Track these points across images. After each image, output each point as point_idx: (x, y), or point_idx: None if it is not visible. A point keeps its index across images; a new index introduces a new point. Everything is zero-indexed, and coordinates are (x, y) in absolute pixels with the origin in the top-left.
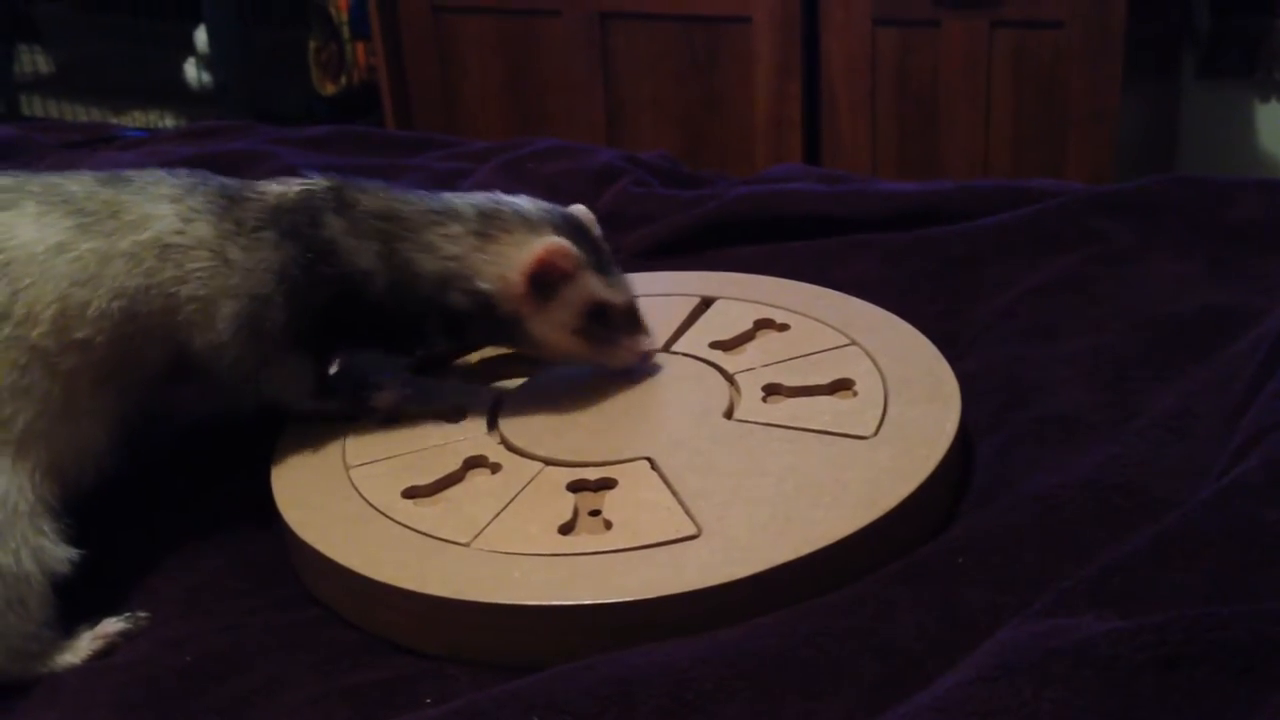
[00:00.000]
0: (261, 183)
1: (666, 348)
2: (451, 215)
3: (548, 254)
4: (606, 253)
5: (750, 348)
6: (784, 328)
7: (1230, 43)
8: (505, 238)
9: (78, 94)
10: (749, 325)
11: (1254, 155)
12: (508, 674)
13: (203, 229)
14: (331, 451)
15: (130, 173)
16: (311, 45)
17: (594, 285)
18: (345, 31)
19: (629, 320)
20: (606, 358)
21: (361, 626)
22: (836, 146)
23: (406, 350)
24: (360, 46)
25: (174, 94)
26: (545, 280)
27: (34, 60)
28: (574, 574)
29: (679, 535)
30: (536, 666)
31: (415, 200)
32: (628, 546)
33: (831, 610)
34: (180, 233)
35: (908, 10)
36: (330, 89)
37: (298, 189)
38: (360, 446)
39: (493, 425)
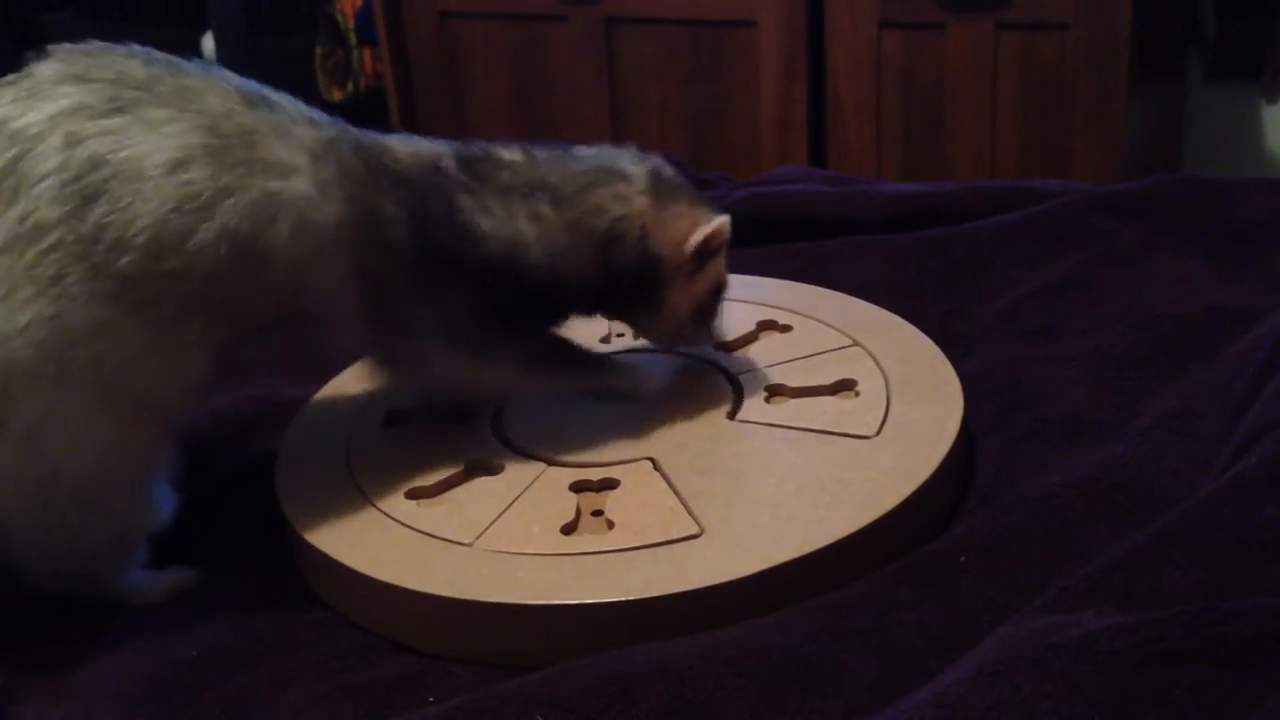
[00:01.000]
0: (395, 146)
1: (670, 348)
2: (610, 176)
3: (720, 229)
4: None
5: (753, 348)
6: (787, 329)
7: (1236, 45)
8: (677, 202)
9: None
10: (752, 326)
11: (1260, 157)
12: (511, 672)
13: (334, 210)
14: (336, 453)
15: (274, 96)
16: (318, 52)
17: (724, 266)
18: (352, 38)
19: (718, 308)
20: (701, 337)
21: (365, 626)
22: (842, 149)
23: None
24: (367, 53)
25: None
26: (705, 253)
27: None
28: (576, 573)
29: (681, 535)
30: (539, 666)
31: (568, 161)
32: (630, 546)
33: (833, 609)
34: (314, 205)
35: (913, 13)
36: (337, 95)
37: (429, 161)
38: (364, 448)
39: (496, 426)
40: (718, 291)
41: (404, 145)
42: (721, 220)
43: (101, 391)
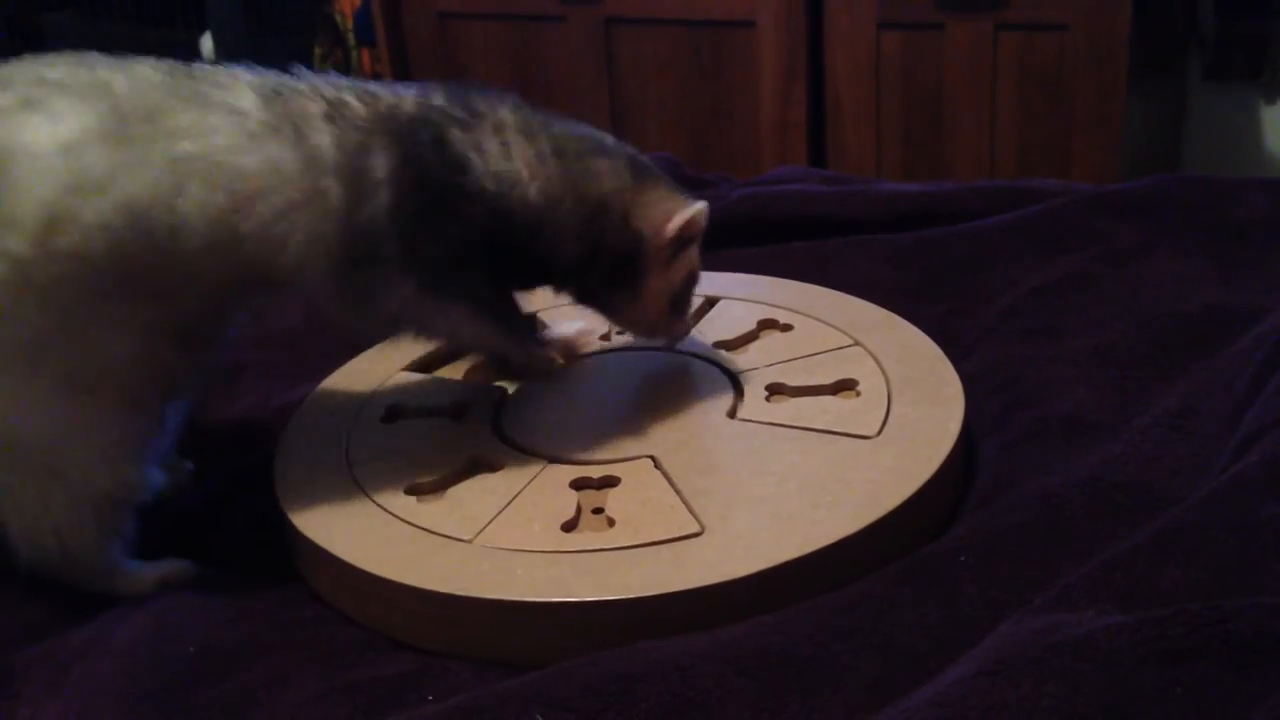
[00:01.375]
0: (376, 87)
1: (670, 347)
2: (604, 150)
3: (699, 215)
4: None
5: (754, 348)
6: (787, 328)
7: (1236, 45)
8: (657, 187)
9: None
10: (753, 325)
11: (1260, 158)
12: (510, 671)
13: (272, 152)
14: (335, 449)
15: (204, 69)
16: (317, 52)
17: (697, 256)
18: (350, 38)
19: (689, 300)
20: (671, 328)
21: (364, 623)
22: (842, 150)
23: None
24: (365, 53)
25: None
26: (684, 239)
27: None
28: (576, 571)
29: (682, 533)
30: (539, 663)
31: (565, 122)
32: (630, 544)
33: (833, 608)
34: (237, 151)
35: (912, 13)
36: None
37: (416, 98)
38: (364, 444)
39: (496, 423)
40: (691, 281)
41: (387, 87)
42: (700, 206)
43: (31, 367)
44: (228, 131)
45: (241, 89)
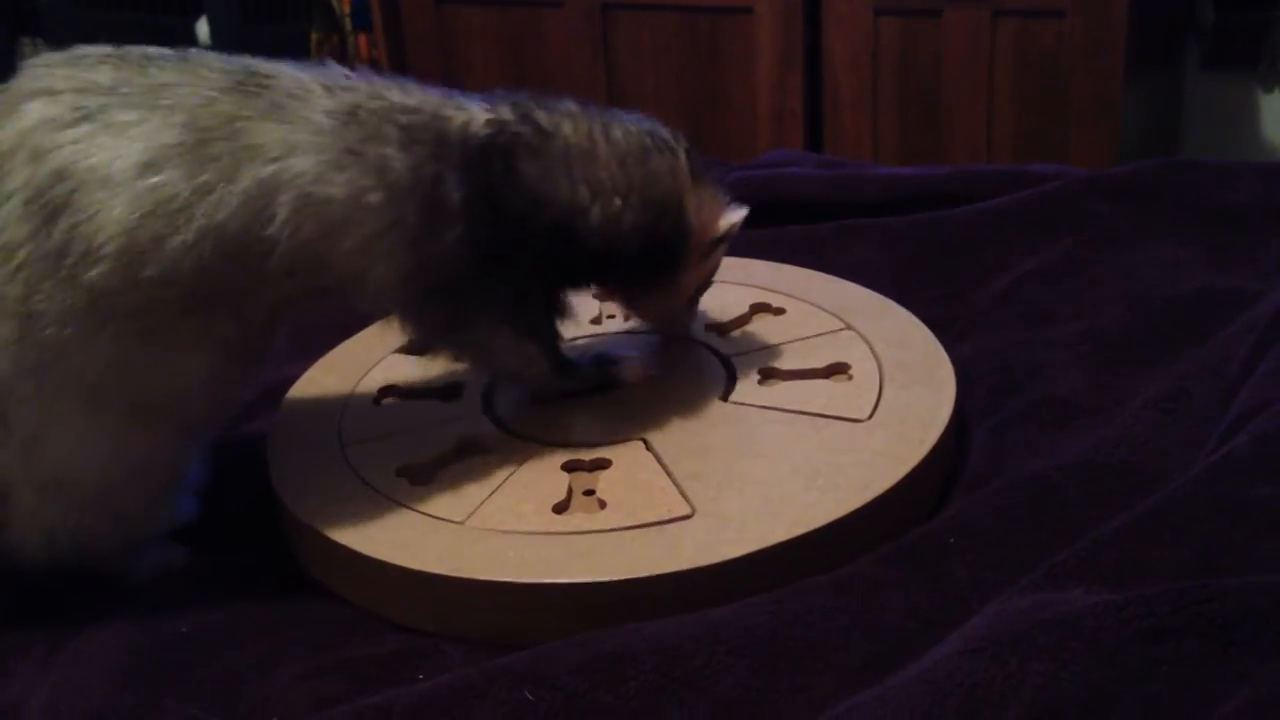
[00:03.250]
0: (440, 104)
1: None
2: (662, 147)
3: (740, 219)
4: None
5: (747, 331)
6: (780, 312)
7: (1234, 34)
8: (708, 185)
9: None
10: (745, 309)
11: (1257, 146)
12: (501, 651)
13: (354, 179)
14: (328, 431)
15: (271, 70)
16: (313, 38)
17: (721, 257)
18: (347, 24)
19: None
20: (685, 319)
21: (356, 604)
22: (839, 138)
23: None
24: (362, 39)
25: None
26: (723, 238)
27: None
28: (568, 552)
29: (673, 515)
30: (530, 644)
31: (623, 119)
32: (621, 526)
33: (823, 590)
34: (323, 179)
35: (909, 0)
36: None
37: (484, 124)
38: (356, 426)
39: (488, 406)
40: (710, 280)
41: (451, 102)
42: (745, 210)
43: (95, 401)
44: (314, 154)
45: (317, 100)
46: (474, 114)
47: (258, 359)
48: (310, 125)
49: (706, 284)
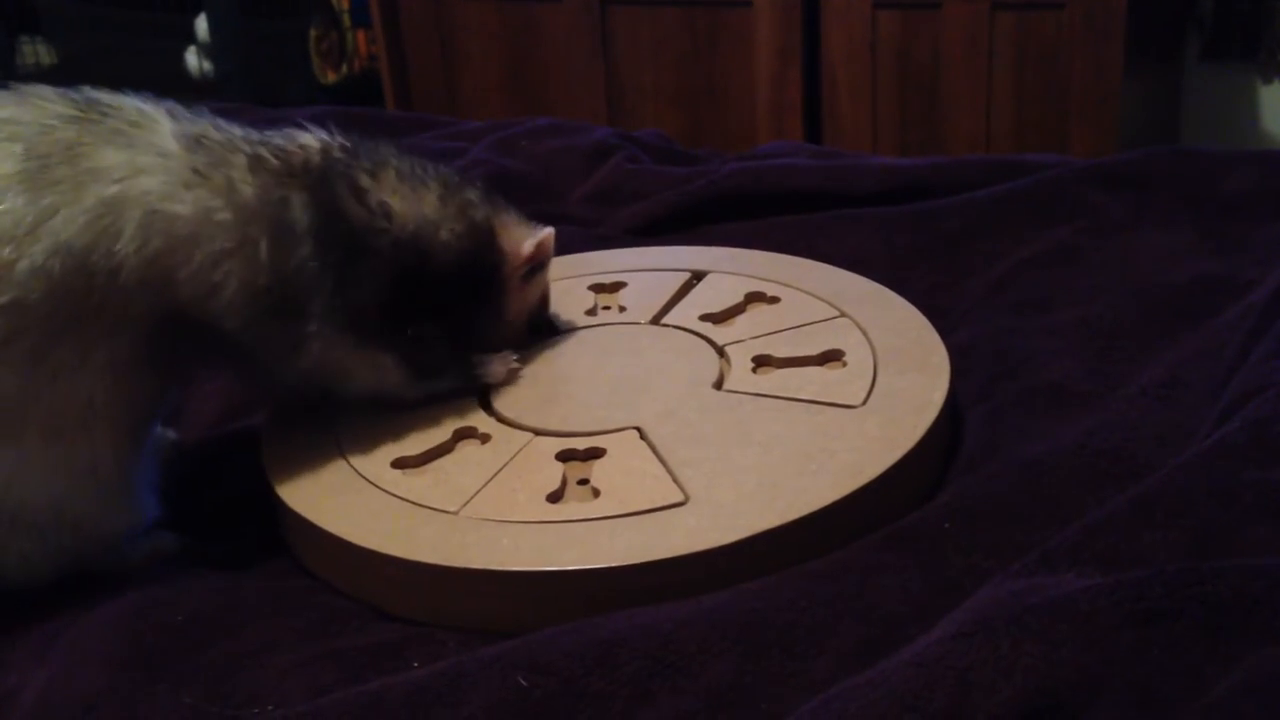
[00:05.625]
0: (276, 137)
1: (657, 320)
2: (468, 182)
3: (548, 239)
4: None
5: (740, 320)
6: (774, 300)
7: (1233, 25)
8: (511, 213)
9: (80, 85)
10: (739, 298)
11: (1256, 137)
12: (496, 639)
13: (202, 198)
14: (322, 422)
15: (112, 100)
16: (312, 34)
17: (547, 280)
18: (346, 20)
19: (547, 319)
20: (520, 342)
21: (350, 594)
22: (837, 131)
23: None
24: (361, 35)
25: (176, 84)
26: (538, 262)
27: (36, 52)
28: (562, 540)
29: (666, 502)
30: (524, 632)
31: (434, 162)
32: (615, 514)
33: (816, 575)
34: (170, 198)
35: None
36: (331, 78)
37: (321, 147)
38: (350, 416)
39: (482, 396)
40: (543, 304)
41: (285, 134)
42: (549, 231)
43: (8, 429)
44: (159, 176)
45: (162, 130)
46: (312, 145)
47: (170, 376)
48: (155, 149)
49: (542, 310)
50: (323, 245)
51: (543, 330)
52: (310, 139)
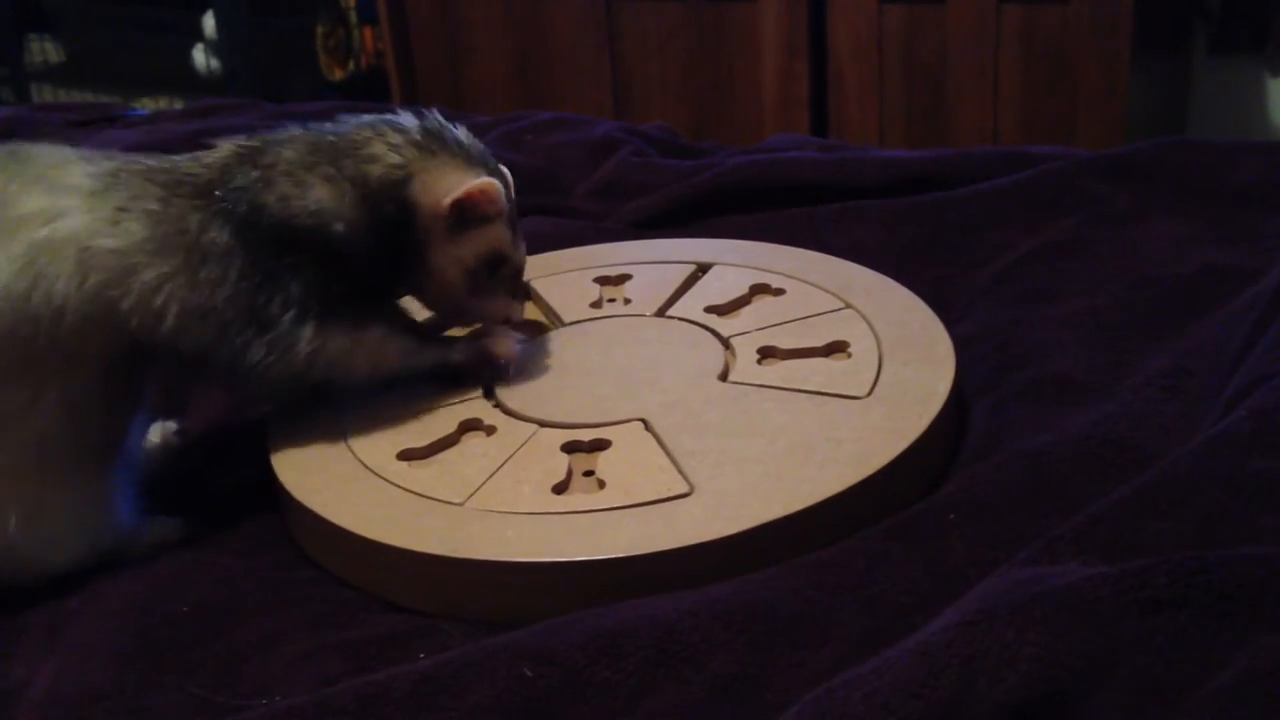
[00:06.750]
0: (185, 162)
1: (662, 313)
2: (393, 126)
3: (480, 191)
4: (516, 214)
5: (746, 312)
6: (780, 292)
7: (1241, 18)
8: (444, 158)
9: (87, 82)
10: (745, 290)
11: (1264, 130)
12: (501, 630)
13: (132, 231)
14: (327, 415)
15: (28, 149)
16: (319, 31)
17: (503, 236)
18: (352, 16)
19: (513, 284)
20: (479, 309)
21: (356, 585)
22: (844, 125)
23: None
24: (368, 31)
25: (183, 81)
26: (466, 214)
27: (44, 49)
28: (567, 531)
29: (671, 493)
30: (529, 623)
31: (345, 125)
32: (620, 505)
33: (821, 566)
34: (99, 234)
35: None
36: (338, 74)
37: (222, 165)
38: (355, 410)
39: (488, 388)
40: (494, 263)
41: (193, 157)
42: (484, 181)
43: None
44: (86, 214)
45: (77, 172)
46: (215, 162)
47: (137, 407)
48: (77, 191)
49: (489, 270)
50: (252, 255)
51: (516, 294)
52: (215, 155)
